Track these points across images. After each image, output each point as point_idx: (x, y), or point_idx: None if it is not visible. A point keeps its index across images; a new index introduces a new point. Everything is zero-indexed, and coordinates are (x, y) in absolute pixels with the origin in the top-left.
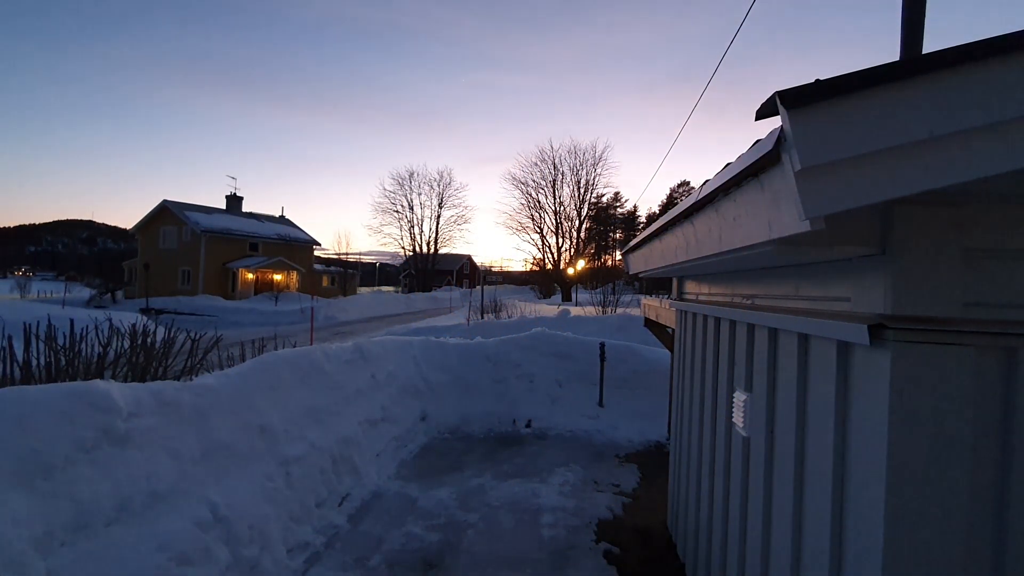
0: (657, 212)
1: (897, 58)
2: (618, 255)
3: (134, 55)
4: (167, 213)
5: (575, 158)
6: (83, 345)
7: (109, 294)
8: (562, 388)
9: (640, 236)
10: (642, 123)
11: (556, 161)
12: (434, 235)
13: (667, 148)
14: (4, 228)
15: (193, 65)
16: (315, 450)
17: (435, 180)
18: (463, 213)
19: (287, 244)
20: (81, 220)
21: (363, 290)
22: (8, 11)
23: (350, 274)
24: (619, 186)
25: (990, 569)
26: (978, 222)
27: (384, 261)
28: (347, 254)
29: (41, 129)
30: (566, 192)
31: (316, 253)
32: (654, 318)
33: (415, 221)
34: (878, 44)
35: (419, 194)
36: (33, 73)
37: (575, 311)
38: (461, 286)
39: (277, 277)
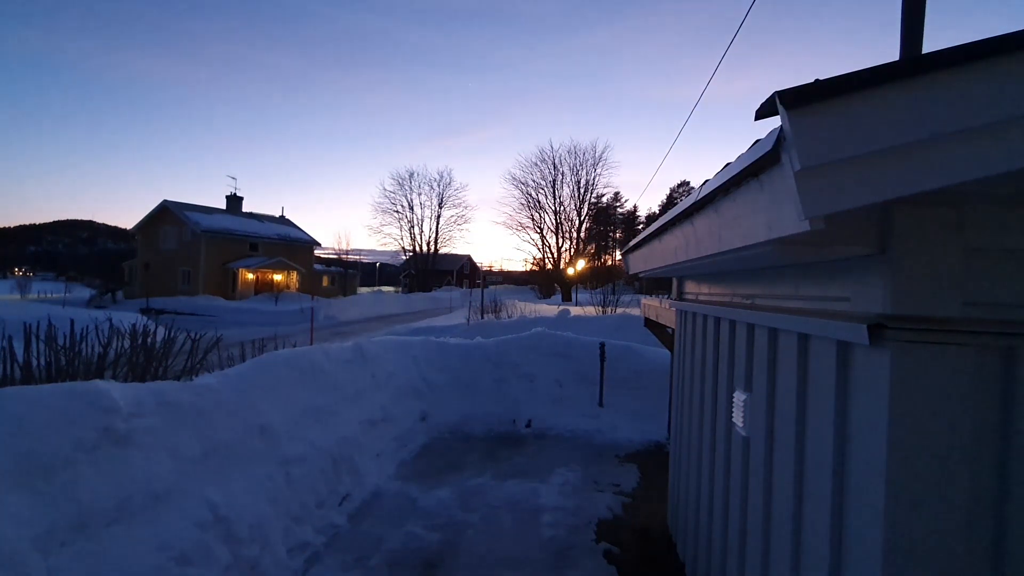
0: (657, 212)
1: (897, 58)
2: (618, 255)
3: (134, 54)
4: (167, 213)
5: (575, 158)
6: (83, 345)
7: (109, 294)
8: (562, 388)
9: (640, 236)
10: (642, 123)
11: (556, 161)
12: (434, 235)
13: (667, 148)
14: (4, 228)
15: (193, 64)
16: (315, 450)
17: (435, 180)
18: (463, 213)
19: (287, 244)
20: (81, 220)
21: (363, 290)
22: (7, 11)
23: (350, 274)
24: (619, 186)
25: (990, 568)
26: (978, 222)
27: (384, 261)
28: (347, 253)
29: (41, 129)
30: (566, 192)
31: (316, 253)
32: (654, 318)
33: (415, 221)
34: (878, 44)
35: (419, 194)
36: (33, 73)
37: (575, 311)
38: (461, 286)
39: (277, 277)
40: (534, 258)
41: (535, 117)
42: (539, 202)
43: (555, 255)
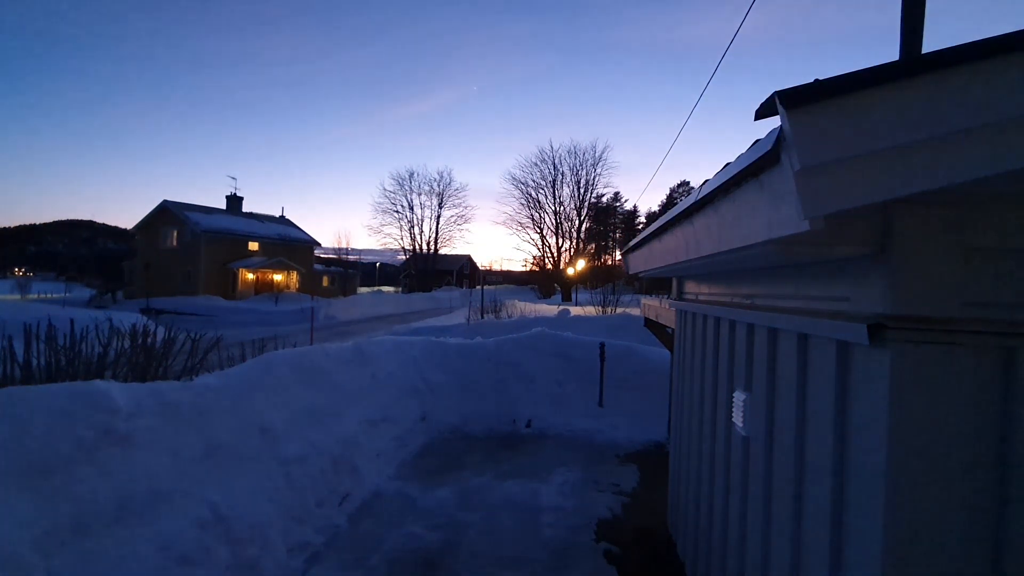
0: (657, 212)
1: (897, 58)
2: (618, 255)
3: (133, 54)
4: (167, 213)
5: (575, 158)
6: (83, 345)
7: (109, 294)
8: (562, 388)
9: (640, 236)
10: (642, 123)
11: (556, 161)
12: (434, 235)
13: (667, 148)
14: (4, 228)
15: (193, 64)
16: (315, 450)
17: (435, 180)
18: (463, 213)
19: (287, 244)
20: (81, 220)
21: (363, 290)
22: (7, 10)
23: (350, 274)
24: (619, 186)
25: (990, 568)
26: (977, 222)
27: (384, 261)
28: (347, 253)
29: (41, 129)
30: (566, 192)
31: (316, 253)
32: (654, 318)
33: (415, 221)
34: (878, 44)
35: (419, 194)
36: (33, 73)
37: (575, 311)
38: (461, 286)
39: (277, 277)
40: (534, 258)
41: (538, 118)
42: (539, 202)
43: (555, 255)
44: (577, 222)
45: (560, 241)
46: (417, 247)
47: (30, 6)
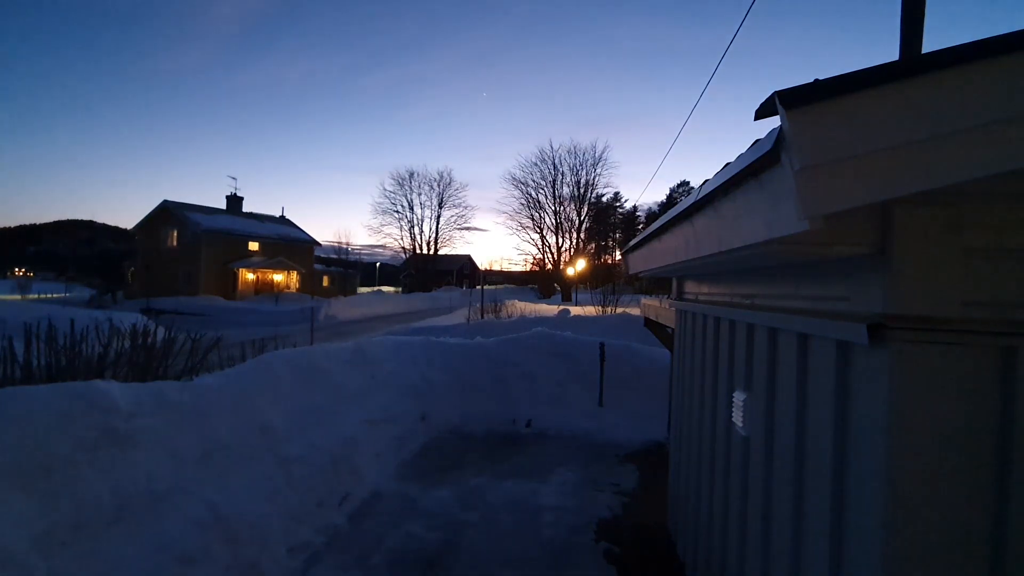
0: (657, 212)
1: (897, 58)
2: (618, 255)
3: (134, 54)
4: (167, 213)
5: (575, 158)
6: (83, 345)
7: (110, 295)
8: (562, 388)
9: (640, 236)
10: (642, 122)
11: (556, 161)
12: (434, 235)
13: (667, 148)
14: (4, 228)
15: (193, 64)
16: (315, 450)
17: (435, 180)
18: (463, 213)
19: (287, 244)
20: (81, 220)
21: (363, 290)
22: (7, 10)
23: (350, 274)
24: (619, 186)
25: (989, 568)
26: (977, 222)
27: (384, 261)
28: (347, 253)
29: (41, 129)
30: (566, 192)
31: (316, 253)
32: (654, 318)
33: (415, 221)
34: (878, 44)
35: (419, 194)
36: (33, 73)
37: (575, 311)
38: (461, 286)
39: (277, 277)
40: (534, 258)
41: (538, 116)
42: (539, 202)
43: (555, 255)
44: (577, 222)
45: (560, 241)
46: (417, 247)
47: (31, 6)
